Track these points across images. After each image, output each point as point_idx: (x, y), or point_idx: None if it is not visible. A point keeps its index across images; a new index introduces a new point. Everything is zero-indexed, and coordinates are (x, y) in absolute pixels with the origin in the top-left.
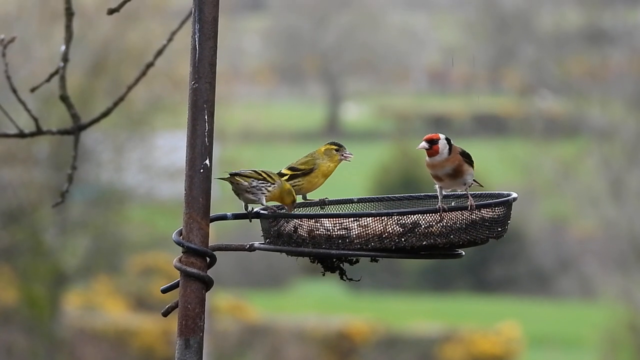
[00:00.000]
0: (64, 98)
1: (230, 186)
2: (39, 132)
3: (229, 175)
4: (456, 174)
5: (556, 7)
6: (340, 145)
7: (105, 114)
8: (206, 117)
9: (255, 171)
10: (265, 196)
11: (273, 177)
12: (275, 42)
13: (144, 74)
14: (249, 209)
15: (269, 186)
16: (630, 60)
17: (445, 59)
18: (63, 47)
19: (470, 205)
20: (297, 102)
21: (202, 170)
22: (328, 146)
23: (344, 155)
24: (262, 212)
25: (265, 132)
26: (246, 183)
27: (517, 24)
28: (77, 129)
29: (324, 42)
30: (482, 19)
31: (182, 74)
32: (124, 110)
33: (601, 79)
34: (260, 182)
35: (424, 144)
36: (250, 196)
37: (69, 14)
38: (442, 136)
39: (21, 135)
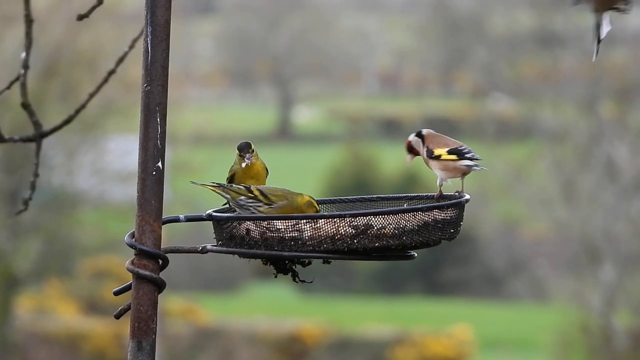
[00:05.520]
0: (26, 105)
1: (188, 190)
2: (1, 139)
3: (215, 185)
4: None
5: (508, 10)
6: (241, 149)
7: (67, 121)
8: (158, 119)
9: (247, 188)
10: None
11: (274, 197)
12: (227, 46)
13: (105, 81)
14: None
15: (260, 206)
16: (581, 62)
17: (397, 61)
18: (23, 54)
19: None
20: (249, 106)
21: (154, 173)
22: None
23: (244, 157)
24: (214, 214)
25: (217, 135)
26: (229, 196)
27: (469, 26)
28: (38, 136)
29: (276, 45)
30: (434, 22)
31: (134, 77)
32: None
33: (553, 82)
34: (249, 200)
35: (408, 159)
36: (241, 211)
37: (29, 20)
38: (411, 136)
39: None
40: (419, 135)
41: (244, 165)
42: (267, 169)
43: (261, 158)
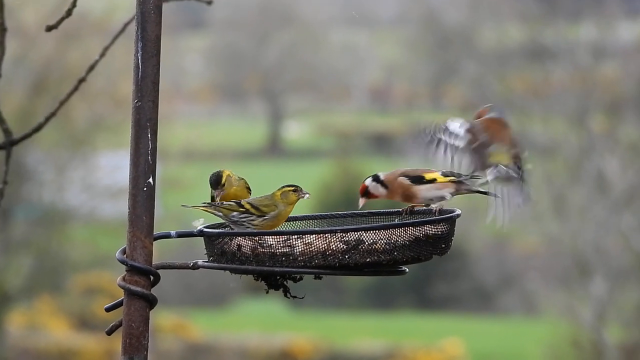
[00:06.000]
0: None
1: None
2: None
3: (206, 205)
4: (409, 199)
5: (498, 23)
6: (210, 184)
7: (37, 129)
8: (149, 135)
9: (237, 203)
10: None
11: (265, 208)
12: (217, 61)
13: (76, 88)
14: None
15: (254, 220)
16: (572, 76)
17: (387, 76)
18: None
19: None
20: (239, 121)
21: (145, 189)
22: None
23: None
24: (205, 230)
25: (208, 151)
26: (221, 214)
27: (458, 40)
28: (8, 143)
29: (266, 60)
30: (423, 36)
31: (124, 93)
32: (66, 129)
33: (543, 95)
34: (242, 215)
35: (361, 202)
36: (235, 228)
37: (2, 29)
38: (368, 181)
39: None
40: (377, 179)
41: (216, 198)
42: (249, 188)
43: (240, 179)
